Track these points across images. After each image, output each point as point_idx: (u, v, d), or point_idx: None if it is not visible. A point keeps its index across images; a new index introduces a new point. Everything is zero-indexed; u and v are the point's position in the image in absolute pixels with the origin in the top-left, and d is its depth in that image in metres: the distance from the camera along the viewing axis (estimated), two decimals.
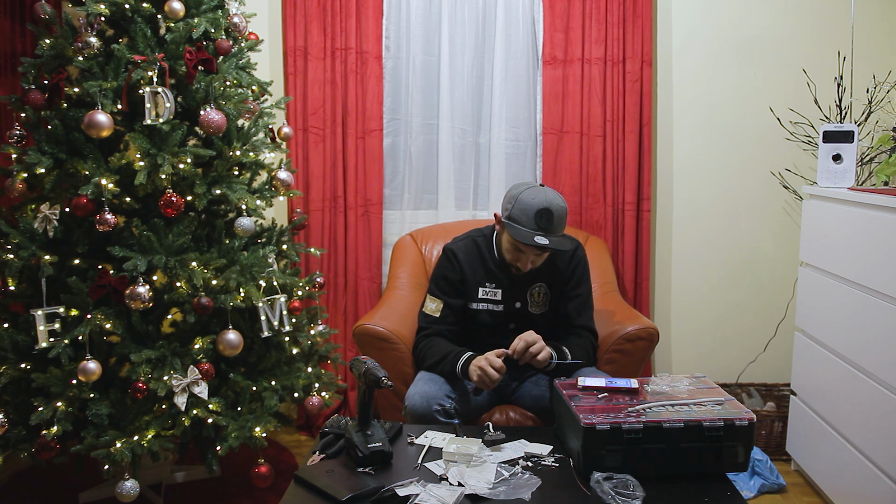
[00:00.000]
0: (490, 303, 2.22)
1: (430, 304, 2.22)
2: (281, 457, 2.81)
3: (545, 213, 1.99)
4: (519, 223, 2.02)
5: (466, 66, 3.05)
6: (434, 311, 2.21)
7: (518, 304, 2.22)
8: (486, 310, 2.22)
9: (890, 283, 2.05)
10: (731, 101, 3.07)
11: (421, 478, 1.58)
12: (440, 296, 2.22)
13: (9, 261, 2.10)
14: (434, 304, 2.22)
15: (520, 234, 2.01)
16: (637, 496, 1.45)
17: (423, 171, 3.12)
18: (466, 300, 2.23)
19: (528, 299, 2.22)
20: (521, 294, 2.22)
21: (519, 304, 2.22)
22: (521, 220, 2.02)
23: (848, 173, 2.45)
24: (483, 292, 2.21)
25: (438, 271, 2.26)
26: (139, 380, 2.04)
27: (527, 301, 2.22)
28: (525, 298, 2.22)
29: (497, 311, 2.22)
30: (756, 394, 3.02)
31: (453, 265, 2.23)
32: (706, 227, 3.14)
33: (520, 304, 2.22)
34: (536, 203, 2.00)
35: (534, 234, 1.99)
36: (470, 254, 2.23)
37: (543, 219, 1.99)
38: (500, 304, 2.21)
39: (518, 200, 2.04)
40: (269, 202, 2.43)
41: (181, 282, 2.14)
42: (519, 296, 2.22)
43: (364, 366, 1.72)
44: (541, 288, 2.22)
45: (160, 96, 2.09)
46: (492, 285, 2.21)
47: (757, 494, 2.55)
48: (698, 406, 1.67)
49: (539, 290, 2.22)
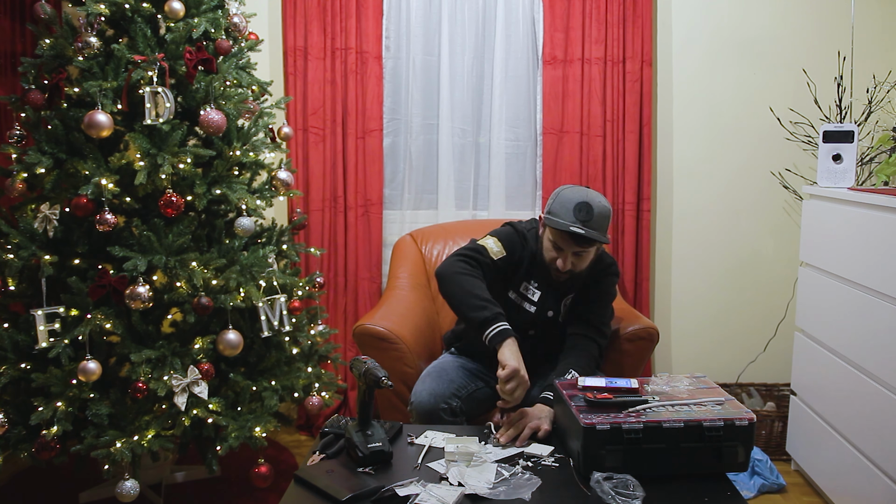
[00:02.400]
0: (527, 301, 2.14)
1: (494, 246, 2.08)
2: (281, 457, 2.81)
3: (584, 207, 1.95)
4: (558, 216, 1.99)
5: (466, 66, 3.05)
6: (496, 253, 2.07)
7: (550, 314, 2.14)
8: (521, 306, 2.14)
9: (890, 283, 2.05)
10: (731, 101, 3.07)
11: (421, 478, 1.58)
12: (507, 248, 2.09)
13: (9, 261, 2.10)
14: (498, 247, 2.08)
15: (556, 224, 1.97)
16: (637, 496, 1.45)
17: (423, 171, 3.12)
18: (508, 287, 2.14)
19: (562, 309, 2.15)
20: (556, 304, 2.14)
21: (552, 312, 2.14)
22: (559, 214, 1.98)
23: (848, 173, 2.45)
24: (525, 287, 2.14)
25: (508, 234, 2.13)
26: (139, 380, 2.04)
27: (559, 311, 2.14)
28: (559, 308, 2.14)
29: (529, 311, 2.14)
30: (756, 394, 3.02)
31: (520, 243, 2.13)
32: (706, 227, 3.14)
33: (552, 312, 2.14)
34: (576, 197, 1.98)
35: (570, 224, 1.95)
36: (532, 243, 2.14)
37: (582, 212, 1.95)
38: (534, 305, 2.13)
39: (559, 196, 2.02)
40: (269, 202, 2.43)
41: (181, 282, 2.14)
42: (554, 305, 2.14)
43: (364, 366, 1.72)
44: (572, 298, 2.16)
45: (160, 96, 2.09)
46: (535, 285, 2.13)
47: (757, 494, 2.55)
48: (698, 406, 1.67)
49: (570, 300, 2.16)
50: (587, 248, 2.00)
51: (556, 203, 2.01)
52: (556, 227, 1.97)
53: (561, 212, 1.98)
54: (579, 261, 2.03)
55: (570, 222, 1.95)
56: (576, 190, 2.03)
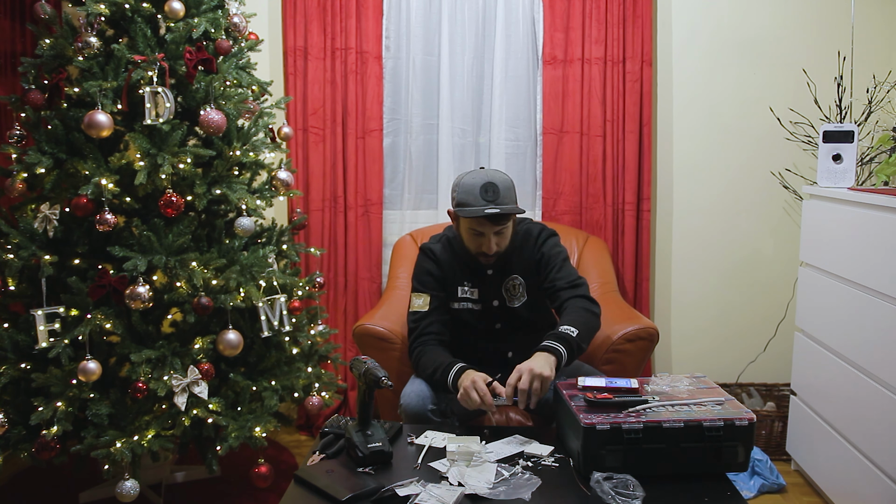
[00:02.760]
0: (469, 302, 2.19)
1: (416, 300, 2.18)
2: (281, 457, 2.81)
3: (489, 186, 2.00)
4: (467, 204, 2.02)
5: (466, 66, 3.05)
6: (421, 306, 2.16)
7: (496, 303, 2.19)
8: (467, 309, 2.19)
9: (890, 283, 2.05)
10: (731, 101, 3.07)
11: (421, 478, 1.58)
12: (425, 290, 2.17)
13: (9, 261, 2.10)
14: (420, 299, 2.17)
15: (470, 212, 2.01)
16: (637, 496, 1.45)
17: (423, 171, 3.12)
18: (448, 301, 2.20)
19: (505, 294, 2.19)
20: (497, 291, 2.19)
21: (497, 301, 2.19)
22: (468, 202, 2.02)
23: (848, 173, 2.45)
24: (462, 291, 2.19)
25: (420, 268, 2.22)
26: (139, 380, 2.04)
27: (503, 297, 2.19)
28: (501, 295, 2.19)
29: (476, 310, 2.19)
30: (756, 394, 3.02)
31: (434, 262, 2.20)
32: (706, 227, 3.14)
33: (497, 301, 2.19)
34: (478, 180, 2.01)
35: (484, 206, 1.99)
36: (447, 253, 2.21)
37: (489, 192, 2.00)
38: (478, 302, 2.19)
39: (460, 185, 2.05)
40: (269, 202, 2.43)
41: (181, 282, 2.14)
42: (495, 293, 2.19)
43: (364, 366, 1.72)
44: (515, 280, 2.20)
45: (160, 96, 2.09)
46: (469, 284, 2.19)
47: (757, 494, 2.55)
48: (698, 406, 1.67)
49: (514, 283, 2.19)
50: (506, 223, 2.06)
51: (461, 192, 2.04)
52: (471, 216, 2.01)
53: (469, 199, 2.02)
54: (501, 238, 2.09)
55: (483, 205, 2.00)
56: (474, 174, 2.06)
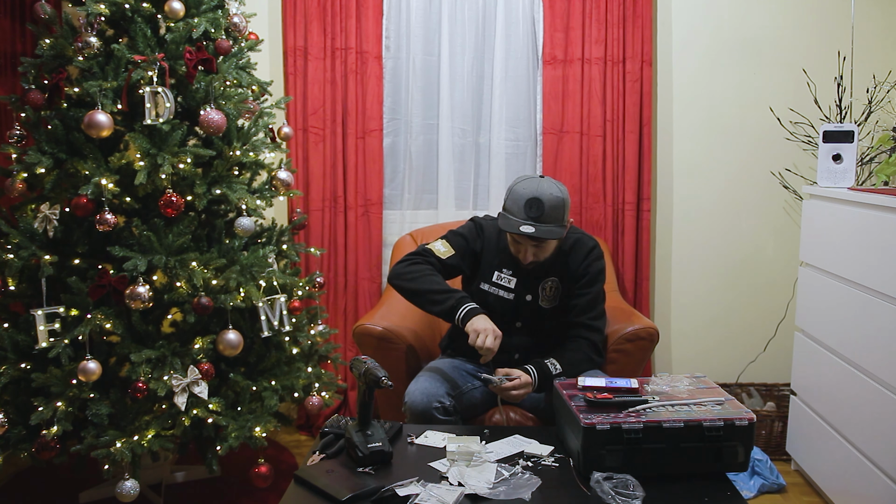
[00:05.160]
0: (502, 289, 2.16)
1: (441, 246, 2.12)
2: (281, 457, 2.81)
3: (534, 203, 1.96)
4: (511, 213, 2.01)
5: (466, 66, 3.05)
6: (443, 253, 2.11)
7: (529, 297, 2.16)
8: (497, 294, 2.16)
9: (890, 283, 2.05)
10: (731, 101, 3.07)
11: (421, 478, 1.58)
12: (455, 247, 2.14)
13: (9, 261, 2.10)
14: (445, 248, 2.12)
15: (507, 224, 2.00)
16: (637, 496, 1.45)
17: (423, 171, 3.12)
18: (479, 279, 2.17)
19: (540, 293, 2.17)
20: (534, 287, 2.17)
21: (530, 297, 2.17)
22: (512, 210, 2.00)
23: (848, 173, 2.45)
24: (498, 276, 2.16)
25: (462, 229, 2.19)
26: (139, 380, 2.04)
27: (538, 294, 2.17)
28: (537, 292, 2.17)
29: (507, 298, 2.16)
30: (756, 394, 3.02)
31: (478, 236, 2.18)
32: (706, 226, 3.14)
33: (531, 297, 2.17)
34: (527, 193, 1.99)
35: (521, 223, 1.97)
36: (495, 234, 2.18)
37: (533, 208, 1.97)
38: (511, 292, 2.16)
39: (512, 191, 2.04)
40: (269, 202, 2.43)
41: (181, 282, 2.14)
42: (531, 289, 2.17)
43: (364, 366, 1.72)
44: (553, 282, 2.17)
45: (160, 96, 2.09)
46: (508, 272, 2.16)
47: (757, 494, 2.55)
48: (698, 406, 1.67)
49: (551, 285, 2.17)
50: (544, 241, 2.04)
51: (510, 199, 2.03)
52: (507, 229, 2.01)
53: (513, 208, 2.01)
54: (540, 251, 2.07)
55: (522, 220, 1.98)
56: (528, 183, 2.03)
